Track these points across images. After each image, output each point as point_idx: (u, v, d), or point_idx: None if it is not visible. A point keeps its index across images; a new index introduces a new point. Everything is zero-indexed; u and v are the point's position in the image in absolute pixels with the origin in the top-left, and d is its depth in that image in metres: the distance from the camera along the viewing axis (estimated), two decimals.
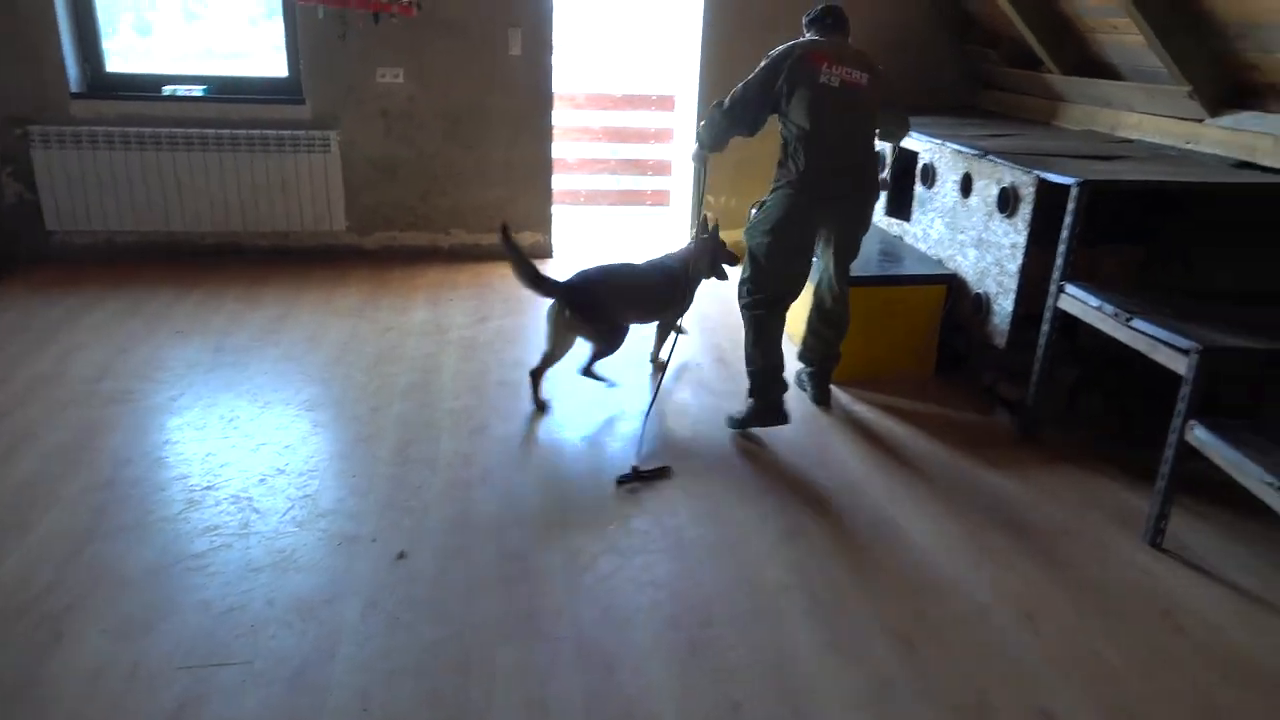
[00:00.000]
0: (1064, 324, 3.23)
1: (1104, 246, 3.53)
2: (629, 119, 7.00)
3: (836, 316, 3.48)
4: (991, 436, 3.41)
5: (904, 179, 4.34)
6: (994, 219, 3.54)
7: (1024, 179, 3.34)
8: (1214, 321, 2.74)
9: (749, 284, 3.33)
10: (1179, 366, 2.62)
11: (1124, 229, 3.63)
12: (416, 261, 5.22)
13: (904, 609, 2.41)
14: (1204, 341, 2.57)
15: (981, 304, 3.61)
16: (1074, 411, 3.60)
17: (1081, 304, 3.07)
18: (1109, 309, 2.92)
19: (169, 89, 4.89)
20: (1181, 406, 2.61)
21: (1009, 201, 3.42)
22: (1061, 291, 3.16)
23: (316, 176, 4.97)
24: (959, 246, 3.82)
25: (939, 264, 3.96)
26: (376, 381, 3.65)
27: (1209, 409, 2.61)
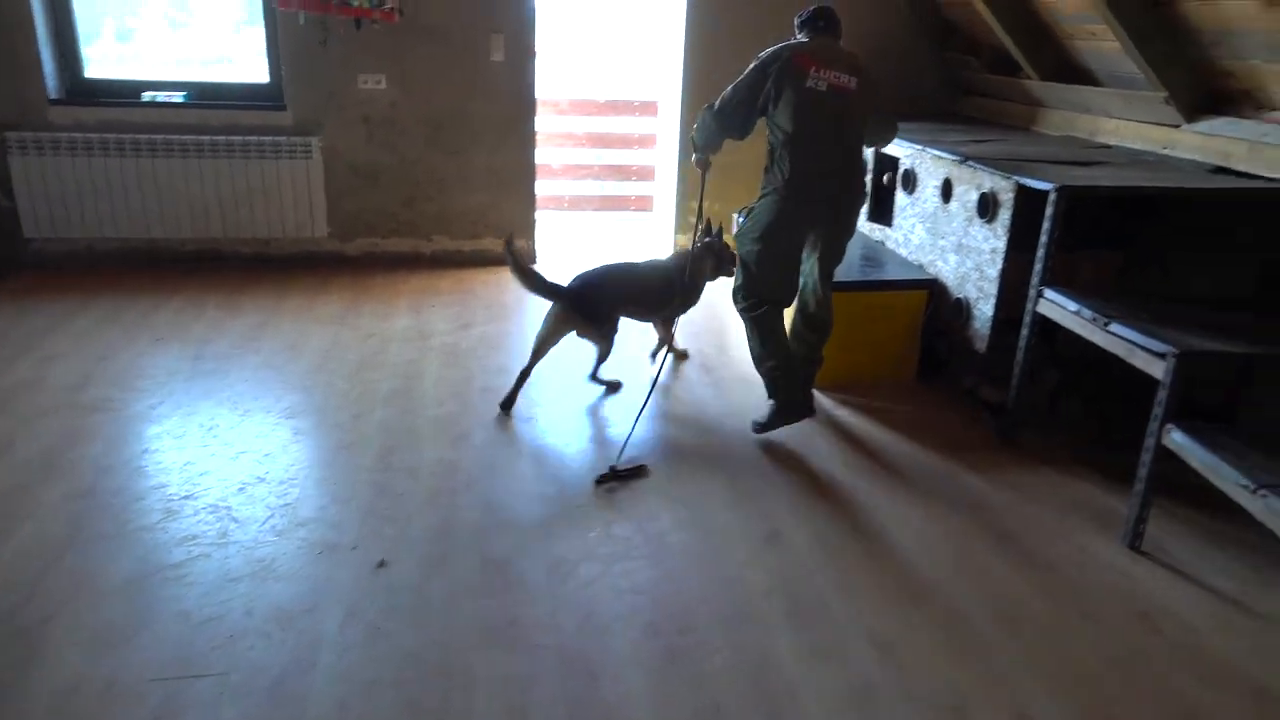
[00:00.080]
0: (1043, 328, 3.26)
1: (1082, 252, 3.55)
2: (612, 124, 7.02)
3: (820, 321, 3.49)
4: (972, 440, 3.43)
5: (884, 187, 4.37)
6: (974, 224, 3.56)
7: (1003, 184, 3.37)
8: (1190, 326, 2.77)
9: (742, 291, 3.34)
10: (1156, 370, 2.65)
11: (1102, 234, 3.67)
12: (399, 268, 5.21)
13: (885, 612, 2.42)
14: (1180, 345, 2.60)
15: (962, 309, 3.63)
16: (1054, 415, 3.63)
17: (1060, 309, 3.09)
18: (1087, 313, 2.95)
19: (149, 95, 4.86)
20: (1159, 410, 2.63)
21: (989, 207, 3.44)
22: (1041, 296, 3.18)
23: (298, 183, 4.95)
24: (940, 252, 3.84)
25: (920, 269, 3.99)
26: (358, 389, 3.64)
27: (1186, 413, 2.63)
